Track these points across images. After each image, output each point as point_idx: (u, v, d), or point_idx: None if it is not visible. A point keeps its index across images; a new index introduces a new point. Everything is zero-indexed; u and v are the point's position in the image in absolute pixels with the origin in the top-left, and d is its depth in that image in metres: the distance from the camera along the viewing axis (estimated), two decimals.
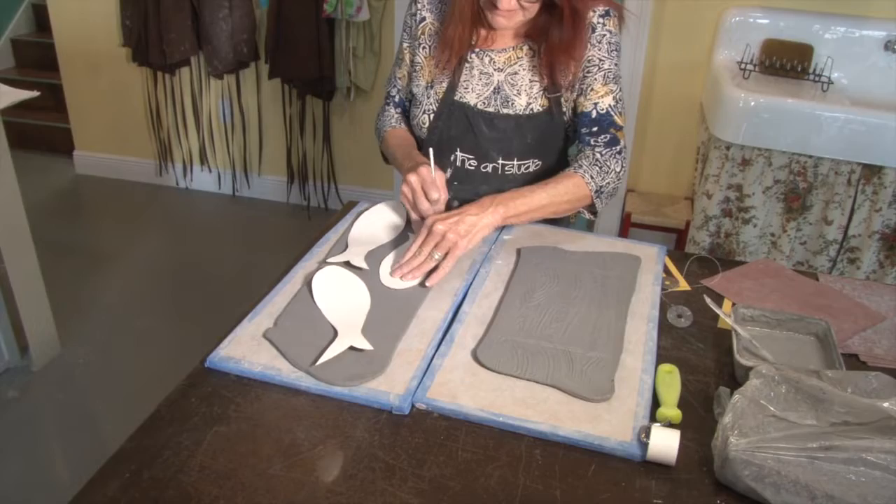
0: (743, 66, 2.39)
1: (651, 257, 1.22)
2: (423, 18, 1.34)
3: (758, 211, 2.24)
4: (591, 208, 1.31)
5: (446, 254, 1.11)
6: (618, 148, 1.30)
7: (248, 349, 0.96)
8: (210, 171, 3.41)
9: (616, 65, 1.29)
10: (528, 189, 1.22)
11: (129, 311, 2.55)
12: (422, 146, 1.39)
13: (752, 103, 2.11)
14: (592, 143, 1.29)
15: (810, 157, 2.14)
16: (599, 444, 0.83)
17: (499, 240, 1.25)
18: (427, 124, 1.34)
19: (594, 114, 1.28)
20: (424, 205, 1.17)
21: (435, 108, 1.32)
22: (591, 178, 1.25)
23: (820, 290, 1.18)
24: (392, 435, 0.84)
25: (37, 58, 3.86)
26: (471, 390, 0.90)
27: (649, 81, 2.66)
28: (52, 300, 2.27)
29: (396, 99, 1.43)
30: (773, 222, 2.27)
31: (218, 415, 0.86)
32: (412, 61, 1.37)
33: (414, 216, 1.21)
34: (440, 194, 1.16)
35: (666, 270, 1.21)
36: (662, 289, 1.15)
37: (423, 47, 1.34)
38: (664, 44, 2.61)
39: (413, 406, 0.88)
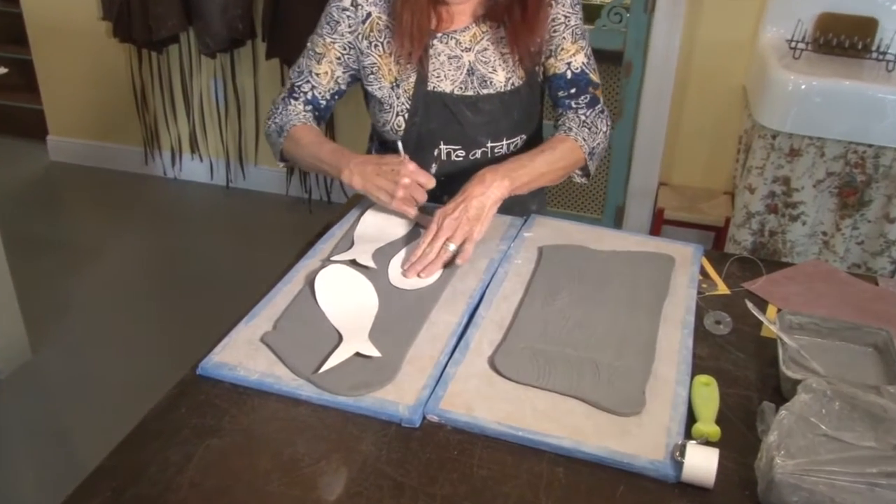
0: (793, 44, 2.37)
1: (686, 257, 1.22)
2: (368, 14, 1.30)
3: (807, 207, 2.23)
4: (584, 170, 1.34)
5: (462, 244, 1.13)
6: (599, 107, 1.36)
7: (244, 355, 0.97)
8: (201, 159, 3.43)
9: (581, 19, 1.33)
10: (526, 157, 1.24)
11: (110, 313, 2.56)
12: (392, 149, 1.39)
13: (803, 86, 2.10)
14: (574, 105, 1.34)
15: (870, 146, 2.12)
16: (629, 462, 0.83)
17: (519, 237, 1.26)
18: (403, 126, 1.34)
19: (569, 74, 1.32)
20: (423, 197, 1.19)
21: (408, 107, 1.32)
22: (584, 139, 1.30)
23: (879, 295, 1.17)
24: (401, 449, 0.85)
25: (2, 29, 3.70)
26: (487, 401, 0.90)
27: (686, 62, 2.64)
28: (23, 301, 2.26)
29: (309, 96, 1.36)
30: (824, 219, 2.25)
31: (210, 427, 0.88)
32: (343, 63, 1.33)
33: (412, 214, 1.20)
34: (431, 179, 1.19)
35: (702, 272, 1.21)
36: (699, 292, 1.15)
37: (376, 45, 1.32)
38: (703, 20, 2.59)
39: (424, 418, 0.89)
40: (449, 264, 1.14)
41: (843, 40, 2.36)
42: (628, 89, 2.65)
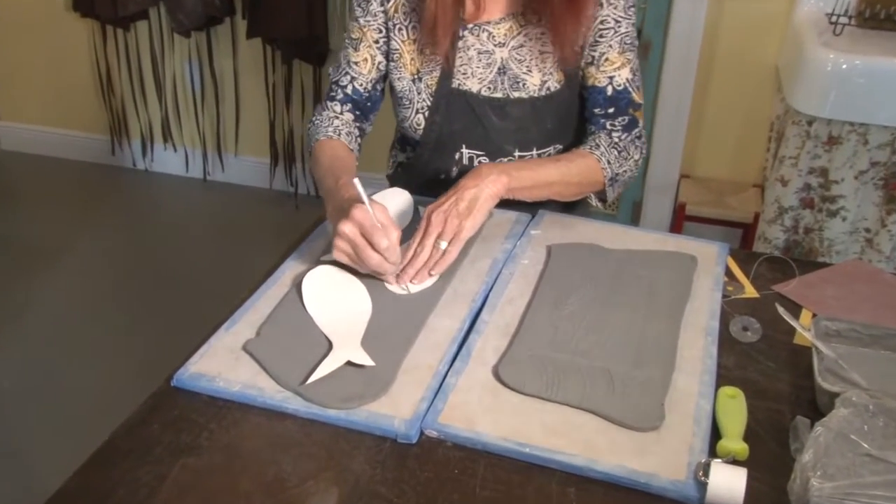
0: (834, 18, 2.35)
1: (710, 257, 1.23)
2: None
3: (848, 201, 2.23)
4: (600, 195, 1.34)
5: (451, 240, 1.13)
6: (637, 131, 1.33)
7: (224, 364, 0.98)
8: (175, 149, 3.43)
9: (633, 26, 1.29)
10: (536, 161, 1.26)
11: (73, 319, 2.56)
12: (416, 148, 1.39)
13: (844, 66, 2.08)
14: (609, 126, 1.32)
15: None
16: (646, 482, 0.84)
17: (525, 235, 1.27)
18: (423, 124, 1.34)
19: (609, 90, 1.30)
20: (373, 258, 1.06)
21: (429, 104, 1.32)
22: (608, 162, 1.28)
23: None
24: (397, 468, 0.86)
25: None
26: (491, 415, 0.91)
27: (711, 41, 2.65)
28: None
29: (349, 90, 1.35)
30: (867, 215, 2.25)
31: (186, 444, 0.88)
32: (382, 47, 1.33)
33: (363, 270, 1.11)
34: (390, 238, 1.06)
35: (728, 273, 1.22)
36: (724, 295, 1.16)
37: (400, 29, 1.31)
38: None
39: (422, 433, 0.90)
40: (433, 270, 1.13)
41: (893, 13, 2.33)
42: (647, 72, 2.65)
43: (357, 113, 1.38)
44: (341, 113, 1.36)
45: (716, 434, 0.90)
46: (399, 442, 0.89)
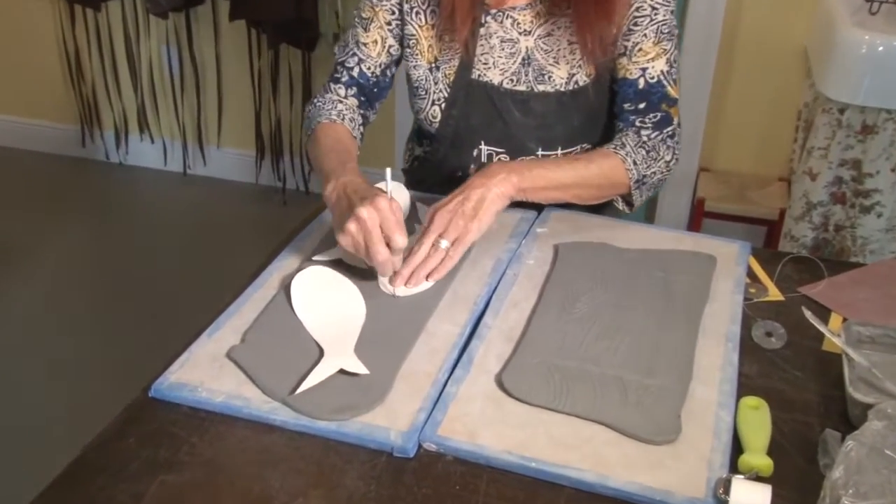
0: None
1: (730, 257, 1.23)
2: None
3: (884, 196, 2.23)
4: (627, 198, 1.33)
5: (454, 242, 1.14)
6: (669, 130, 1.31)
7: (206, 373, 0.99)
8: (152, 140, 3.44)
9: (671, 13, 1.28)
10: (552, 161, 1.26)
11: (39, 325, 2.56)
12: (434, 141, 1.40)
13: (881, 48, 2.07)
14: (639, 123, 1.31)
15: None
16: (662, 500, 0.84)
17: (531, 233, 1.28)
18: (439, 117, 1.35)
19: (641, 83, 1.29)
20: (382, 254, 1.06)
21: (446, 95, 1.33)
22: (634, 163, 1.27)
23: None
24: (393, 484, 0.87)
25: None
26: (494, 426, 0.92)
27: (732, 22, 2.65)
28: None
29: (355, 72, 1.36)
30: None
31: (165, 459, 0.89)
32: (394, 30, 1.33)
33: (364, 265, 1.12)
34: (405, 238, 1.07)
35: (751, 274, 1.22)
36: (746, 298, 1.16)
37: (417, 12, 1.32)
38: None
39: (420, 447, 0.91)
40: (431, 276, 1.14)
41: None
42: None
43: (362, 98, 1.39)
44: (345, 97, 1.37)
45: (737, 448, 0.91)
46: (395, 456, 0.89)
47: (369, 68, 1.36)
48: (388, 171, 1.14)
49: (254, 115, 3.22)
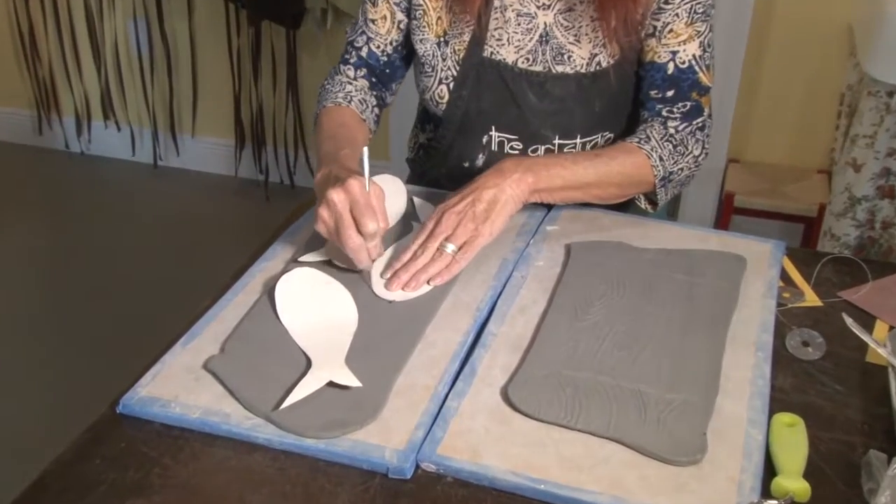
0: None
1: (762, 257, 1.24)
2: None
3: None
4: (651, 197, 1.34)
5: (461, 246, 1.15)
6: (699, 121, 1.32)
7: (181, 386, 1.00)
8: (118, 128, 3.44)
9: None
10: (569, 157, 1.25)
11: None
12: (440, 126, 1.40)
13: None
14: (666, 113, 1.32)
15: None
16: None
17: (540, 231, 1.29)
18: (446, 97, 1.36)
19: (671, 68, 1.30)
20: (354, 239, 1.09)
21: (455, 73, 1.34)
22: (660, 159, 1.28)
23: None
24: None
25: None
26: (499, 445, 0.93)
27: None
28: None
29: (364, 52, 1.40)
30: None
31: (135, 482, 0.89)
32: (402, 3, 1.35)
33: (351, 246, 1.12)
34: (378, 224, 1.10)
35: (785, 277, 1.23)
36: (780, 304, 1.17)
37: None
38: None
39: (418, 467, 0.91)
40: (433, 280, 1.15)
41: None
42: None
43: (373, 80, 1.41)
44: (355, 78, 1.40)
45: (770, 470, 0.91)
46: (390, 477, 0.90)
47: (378, 47, 1.39)
48: (365, 150, 1.14)
49: (233, 101, 3.22)
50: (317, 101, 1.41)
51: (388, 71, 1.42)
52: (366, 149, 1.14)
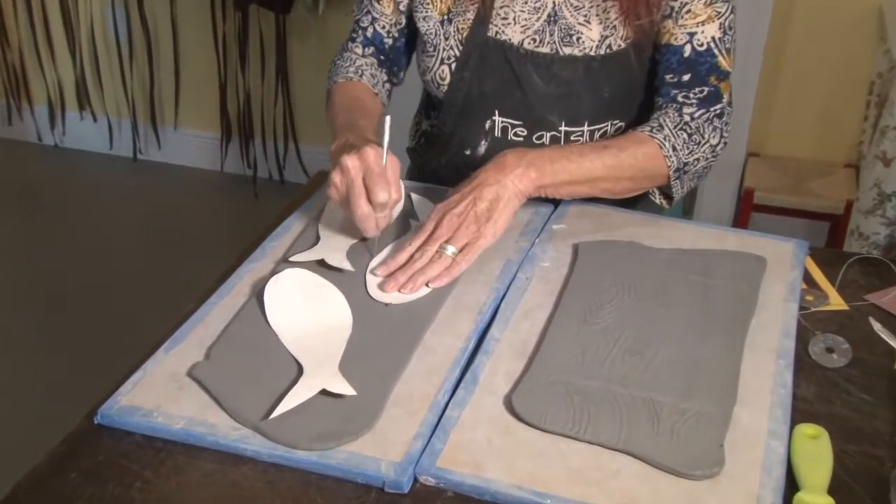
0: None
1: (784, 258, 1.24)
2: None
3: None
4: (666, 190, 1.35)
5: (463, 248, 1.16)
6: (717, 108, 1.33)
7: (163, 395, 1.00)
8: (95, 119, 3.44)
9: None
10: (575, 149, 1.26)
11: None
12: (441, 110, 1.41)
13: None
14: (681, 99, 1.32)
15: None
16: None
17: (546, 230, 1.29)
18: (448, 79, 1.37)
19: (688, 50, 1.30)
20: (363, 208, 1.14)
21: (457, 53, 1.35)
22: (674, 149, 1.28)
23: None
24: None
25: None
26: (503, 457, 0.93)
27: None
28: None
29: (369, 33, 1.44)
30: None
31: (114, 498, 0.89)
32: None
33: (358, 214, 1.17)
34: (391, 195, 1.14)
35: (808, 279, 1.23)
36: (802, 307, 1.17)
37: None
38: None
39: (416, 480, 0.92)
40: (432, 282, 1.15)
41: None
42: None
43: (381, 58, 1.46)
44: (363, 56, 1.44)
45: (792, 485, 0.91)
46: (387, 491, 0.90)
47: (384, 27, 1.43)
48: (387, 118, 1.19)
49: (218, 90, 3.22)
50: (327, 77, 1.46)
51: (393, 53, 1.46)
52: (388, 117, 1.18)
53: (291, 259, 1.20)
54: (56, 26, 3.27)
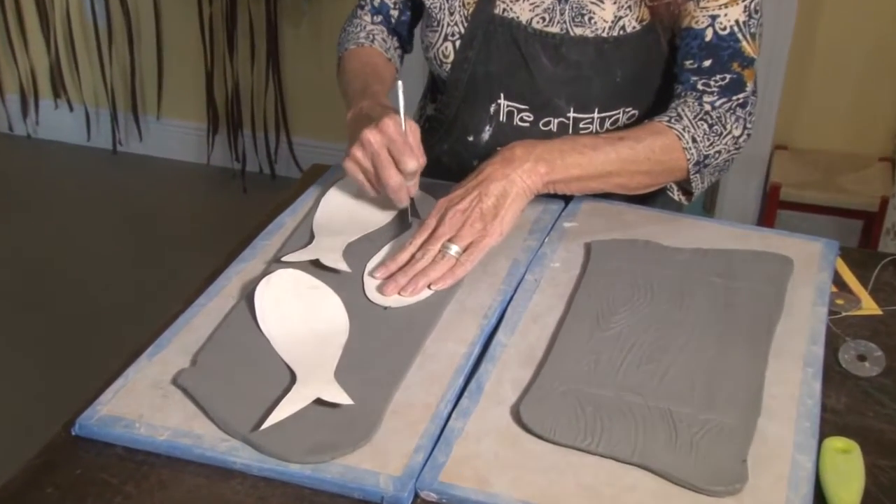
0: None
1: (812, 258, 1.25)
2: None
3: None
4: (685, 185, 1.35)
5: (467, 247, 1.16)
6: (741, 97, 1.33)
7: (146, 404, 1.00)
8: (71, 108, 3.44)
9: None
10: (588, 141, 1.26)
11: None
12: (445, 92, 1.42)
13: None
14: (702, 86, 1.32)
15: None
16: None
17: (556, 229, 1.30)
18: (451, 57, 1.38)
19: (709, 34, 1.30)
20: (395, 178, 1.19)
21: (462, 31, 1.36)
22: (693, 140, 1.28)
23: None
24: None
25: None
26: (510, 471, 0.93)
27: None
28: None
29: (376, 2, 1.49)
30: None
31: None
32: None
33: (372, 193, 1.26)
34: (417, 161, 1.20)
35: (839, 281, 1.24)
36: (832, 312, 1.17)
37: None
38: None
39: (417, 496, 0.92)
40: (435, 284, 1.16)
41: None
42: None
43: (388, 26, 1.50)
44: (372, 24, 1.48)
45: (820, 501, 0.91)
46: None
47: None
48: (400, 83, 1.22)
49: (204, 78, 3.22)
50: (337, 44, 1.50)
51: (399, 27, 1.50)
52: (400, 83, 1.21)
53: (283, 259, 1.20)
54: (28, 9, 3.28)
